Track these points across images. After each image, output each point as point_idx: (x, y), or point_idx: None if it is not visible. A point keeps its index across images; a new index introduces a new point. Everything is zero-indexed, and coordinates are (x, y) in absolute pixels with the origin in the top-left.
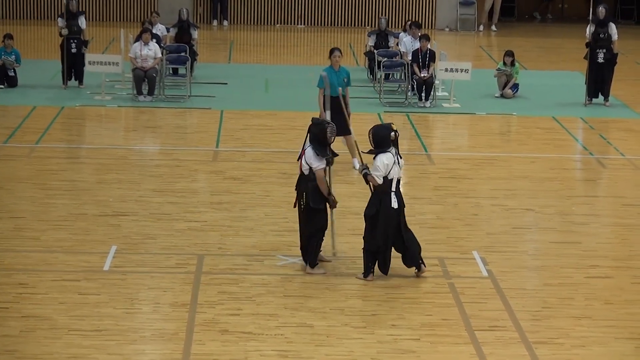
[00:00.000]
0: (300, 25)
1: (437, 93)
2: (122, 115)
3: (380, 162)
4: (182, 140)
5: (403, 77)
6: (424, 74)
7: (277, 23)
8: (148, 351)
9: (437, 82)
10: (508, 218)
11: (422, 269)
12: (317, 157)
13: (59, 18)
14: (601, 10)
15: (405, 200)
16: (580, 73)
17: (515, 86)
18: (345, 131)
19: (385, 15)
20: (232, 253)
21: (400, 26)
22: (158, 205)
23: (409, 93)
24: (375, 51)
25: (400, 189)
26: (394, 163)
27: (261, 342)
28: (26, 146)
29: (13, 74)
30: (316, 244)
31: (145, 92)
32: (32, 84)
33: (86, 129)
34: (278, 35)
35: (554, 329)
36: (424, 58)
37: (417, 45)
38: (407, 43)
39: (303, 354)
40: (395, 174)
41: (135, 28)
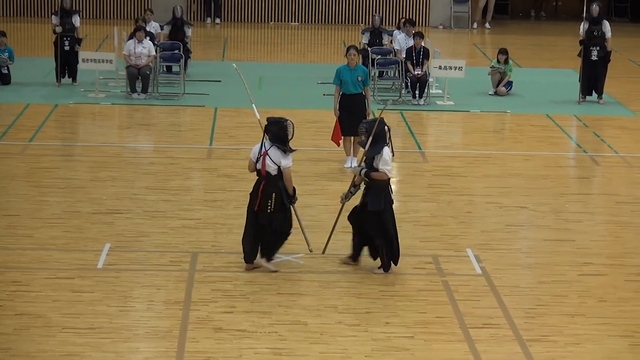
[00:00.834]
0: (293, 22)
1: (431, 91)
2: (116, 112)
3: (388, 156)
4: (176, 138)
5: (397, 75)
6: (418, 72)
7: (271, 20)
8: (142, 349)
9: (431, 80)
10: (502, 216)
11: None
12: (285, 155)
13: (53, 15)
14: (595, 7)
15: (399, 197)
16: (574, 71)
17: (509, 84)
18: (355, 132)
19: (379, 12)
20: (226, 251)
21: (394, 24)
22: (152, 203)
23: (403, 91)
24: (369, 49)
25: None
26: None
27: (255, 340)
28: (20, 144)
29: (6, 72)
30: (282, 242)
31: (139, 90)
32: (26, 82)
33: (80, 127)
34: (272, 32)
35: (548, 327)
36: (418, 56)
37: (411, 42)
38: (401, 41)
39: (297, 352)
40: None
41: (129, 26)
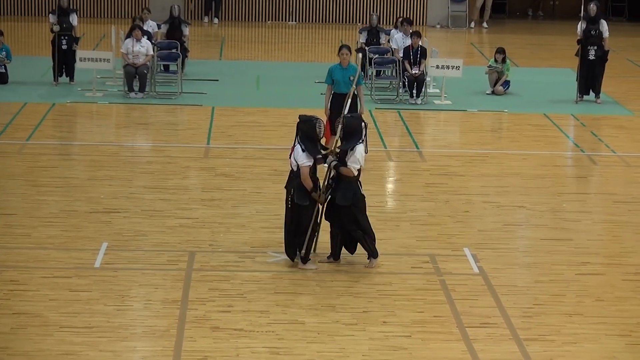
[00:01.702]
0: (291, 21)
1: (429, 90)
2: (113, 111)
3: (359, 154)
4: (174, 137)
5: (394, 74)
6: (415, 71)
7: (268, 20)
8: (139, 348)
9: (429, 79)
10: (499, 215)
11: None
12: (304, 154)
13: (51, 14)
14: (592, 7)
15: (396, 197)
16: (571, 70)
17: (506, 83)
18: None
19: (376, 11)
20: (223, 250)
21: (391, 23)
22: (149, 202)
23: (400, 90)
24: (366, 48)
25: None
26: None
27: (252, 339)
28: (17, 143)
29: (4, 71)
30: (308, 239)
31: (136, 89)
32: (23, 81)
33: (77, 126)
34: (269, 31)
35: (545, 326)
36: (415, 55)
37: (409, 42)
38: (399, 40)
39: (294, 351)
40: (363, 164)
41: (126, 25)
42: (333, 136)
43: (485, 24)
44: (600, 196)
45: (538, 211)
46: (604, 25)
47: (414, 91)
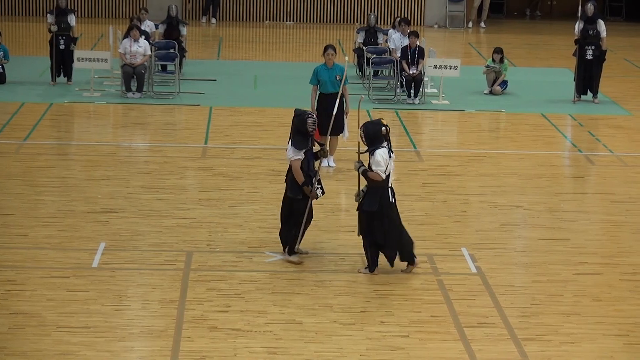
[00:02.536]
0: (289, 22)
1: (426, 90)
2: (111, 111)
3: (380, 157)
4: (171, 136)
5: (392, 74)
6: (413, 71)
7: (266, 20)
8: (137, 348)
9: (426, 79)
10: (497, 215)
11: (415, 263)
12: (294, 149)
13: (49, 14)
14: (590, 7)
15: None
16: (569, 70)
17: (504, 83)
18: (333, 131)
19: (374, 11)
20: (221, 250)
21: (389, 23)
22: (147, 201)
23: (398, 90)
24: (364, 48)
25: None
26: (389, 158)
27: (250, 339)
28: (14, 143)
29: (1, 71)
30: (295, 233)
31: (134, 89)
32: (21, 81)
33: (75, 126)
34: (267, 31)
35: (543, 326)
36: (413, 55)
37: (406, 42)
38: (396, 40)
39: (292, 351)
40: (390, 169)
41: (124, 25)
42: (323, 136)
43: (482, 24)
44: (597, 196)
45: (535, 211)
46: (602, 25)
47: (412, 91)
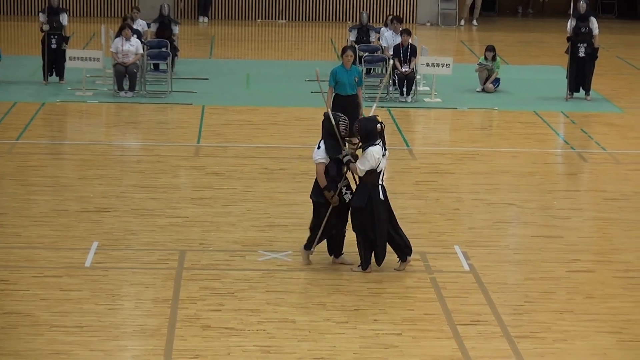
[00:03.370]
0: (281, 20)
1: (419, 88)
2: (103, 111)
3: (370, 155)
4: (164, 136)
5: (384, 72)
6: (405, 69)
7: (258, 18)
8: (130, 347)
9: (419, 77)
10: (490, 212)
11: (407, 260)
12: (320, 151)
13: (41, 13)
14: (582, 4)
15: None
16: (561, 67)
17: (496, 81)
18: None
19: (366, 9)
20: (214, 249)
21: (381, 21)
22: (140, 201)
23: (391, 88)
24: (356, 46)
25: (383, 181)
26: (382, 155)
27: (243, 338)
28: (7, 142)
29: None
30: (318, 234)
31: (126, 88)
32: (13, 80)
33: (67, 125)
34: (259, 30)
35: (536, 323)
36: (405, 53)
37: (399, 40)
38: (389, 38)
39: (285, 349)
40: (382, 166)
41: (116, 24)
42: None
43: (475, 22)
44: (590, 193)
45: (528, 209)
46: (594, 22)
47: (404, 89)
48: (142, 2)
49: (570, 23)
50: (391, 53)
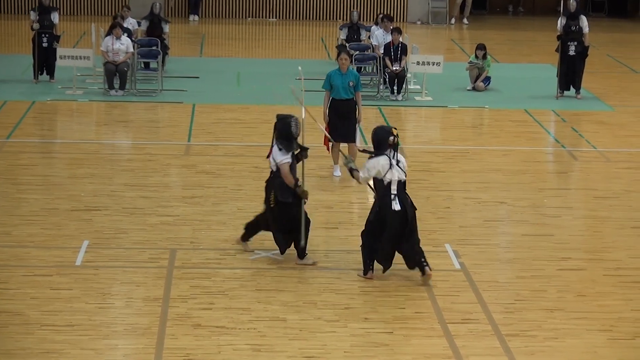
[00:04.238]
0: (272, 18)
1: (409, 86)
2: (94, 109)
3: (370, 165)
4: (154, 134)
5: (375, 71)
6: (396, 67)
7: (249, 16)
8: (121, 346)
9: (409, 76)
10: (481, 211)
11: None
12: (281, 152)
13: (31, 11)
14: (572, 3)
15: None
16: (551, 66)
17: (487, 79)
18: (347, 138)
19: (357, 8)
20: (205, 247)
21: (372, 19)
22: (130, 199)
23: (381, 86)
24: (347, 44)
25: (405, 191)
26: (390, 167)
27: (234, 336)
28: None
29: None
30: (303, 235)
31: (116, 87)
32: (3, 79)
33: (58, 124)
34: (250, 28)
35: (527, 322)
36: (396, 51)
37: (389, 38)
38: (379, 36)
39: (276, 348)
40: (392, 177)
41: (106, 22)
42: (336, 143)
43: (465, 20)
44: (581, 192)
45: (519, 207)
46: (584, 21)
47: (395, 88)
48: (133, 1)
49: (560, 21)
50: (382, 51)
